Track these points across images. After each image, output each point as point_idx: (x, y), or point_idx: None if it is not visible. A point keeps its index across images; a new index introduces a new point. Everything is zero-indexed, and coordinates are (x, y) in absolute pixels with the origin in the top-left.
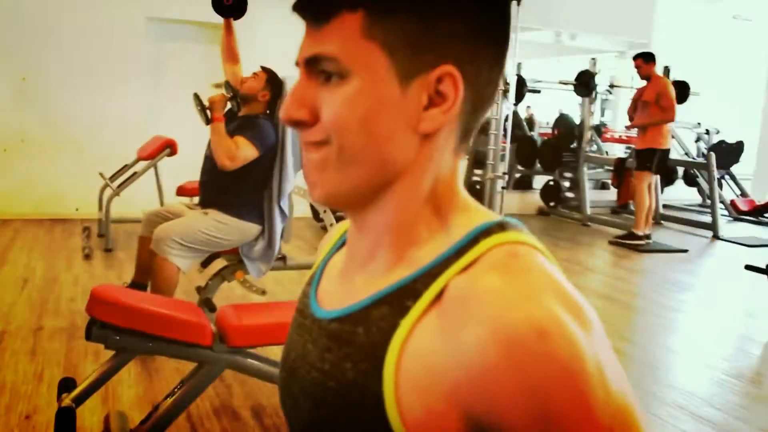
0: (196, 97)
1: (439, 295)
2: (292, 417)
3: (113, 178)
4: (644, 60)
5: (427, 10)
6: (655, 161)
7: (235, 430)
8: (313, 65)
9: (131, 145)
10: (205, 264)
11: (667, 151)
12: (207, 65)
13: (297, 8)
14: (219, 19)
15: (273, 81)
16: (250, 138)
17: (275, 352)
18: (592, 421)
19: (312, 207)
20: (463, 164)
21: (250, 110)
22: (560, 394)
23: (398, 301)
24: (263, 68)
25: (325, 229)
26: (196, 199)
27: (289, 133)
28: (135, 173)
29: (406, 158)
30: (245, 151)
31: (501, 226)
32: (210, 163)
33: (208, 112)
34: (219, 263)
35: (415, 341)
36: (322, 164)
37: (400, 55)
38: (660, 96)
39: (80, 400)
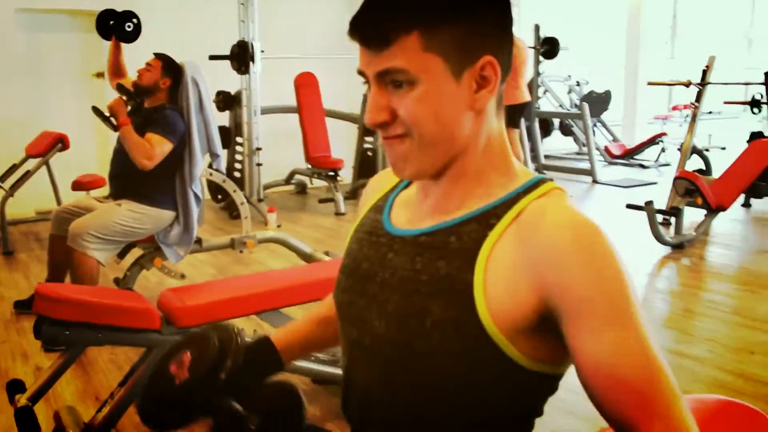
0: (95, 109)
1: (515, 217)
2: (367, 310)
3: (3, 178)
4: None
5: (467, 19)
6: (516, 116)
7: None
8: (383, 77)
9: (17, 143)
10: (122, 255)
11: (525, 104)
12: (86, 54)
13: (358, 37)
14: (93, 6)
15: (170, 67)
16: (162, 134)
17: None
18: (627, 289)
19: (210, 188)
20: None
21: (154, 101)
22: (611, 268)
23: (484, 219)
24: (157, 55)
25: (225, 209)
26: (105, 191)
27: (194, 119)
28: (27, 172)
29: (469, 132)
30: (160, 147)
31: (550, 179)
32: (121, 157)
33: (112, 119)
34: (135, 252)
35: (501, 245)
36: (406, 153)
37: (453, 57)
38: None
39: (36, 398)
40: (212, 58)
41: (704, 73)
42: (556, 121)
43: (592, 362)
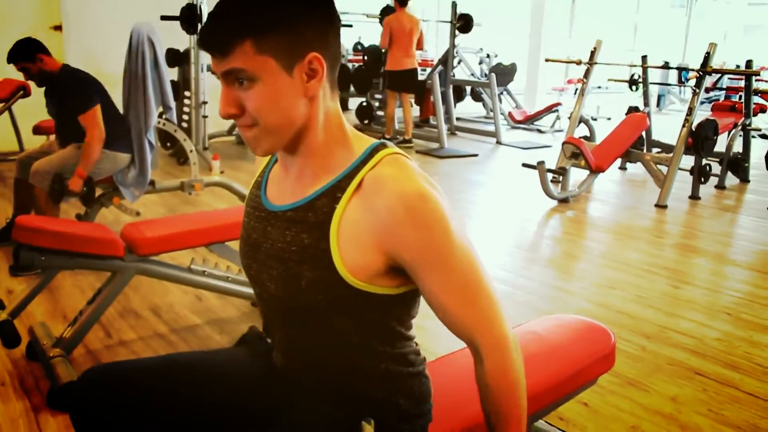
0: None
1: (357, 188)
2: (260, 273)
3: None
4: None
5: (289, 26)
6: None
7: (140, 326)
8: (228, 76)
9: None
10: None
11: (411, 70)
12: (43, 7)
13: (204, 48)
14: None
15: (32, 50)
16: (85, 109)
17: (174, 258)
18: (452, 240)
19: (160, 137)
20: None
21: (51, 79)
22: (435, 229)
23: (331, 193)
24: (14, 60)
25: (173, 155)
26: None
27: (149, 74)
28: None
29: (306, 114)
30: (94, 119)
31: (383, 144)
32: (57, 115)
33: (66, 187)
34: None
35: (347, 214)
36: (256, 137)
37: (282, 57)
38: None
39: (15, 314)
40: (163, 18)
41: (592, 53)
42: (468, 89)
43: (432, 298)
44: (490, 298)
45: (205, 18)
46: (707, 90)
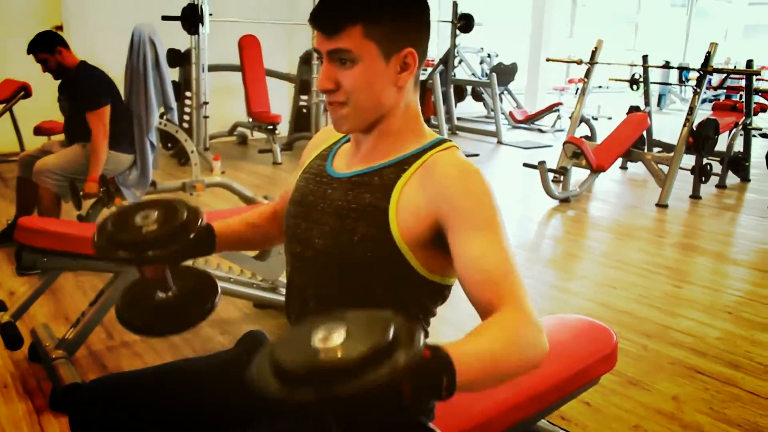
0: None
1: (421, 165)
2: (308, 231)
3: None
4: None
5: (395, 18)
6: None
7: None
8: (332, 55)
9: None
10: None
11: None
12: (45, 7)
13: (316, 25)
14: None
15: (52, 42)
16: (94, 107)
17: None
18: (496, 211)
19: (161, 137)
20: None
21: (67, 73)
22: (484, 198)
23: (399, 166)
24: (33, 50)
25: (174, 156)
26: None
27: (151, 75)
28: None
29: (392, 101)
30: (103, 119)
31: (446, 139)
32: (68, 110)
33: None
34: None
35: (409, 184)
36: (346, 115)
37: (384, 45)
38: None
39: (17, 315)
40: (164, 18)
41: (593, 53)
42: (469, 88)
43: (466, 258)
44: (520, 279)
45: (206, 19)
46: (713, 89)
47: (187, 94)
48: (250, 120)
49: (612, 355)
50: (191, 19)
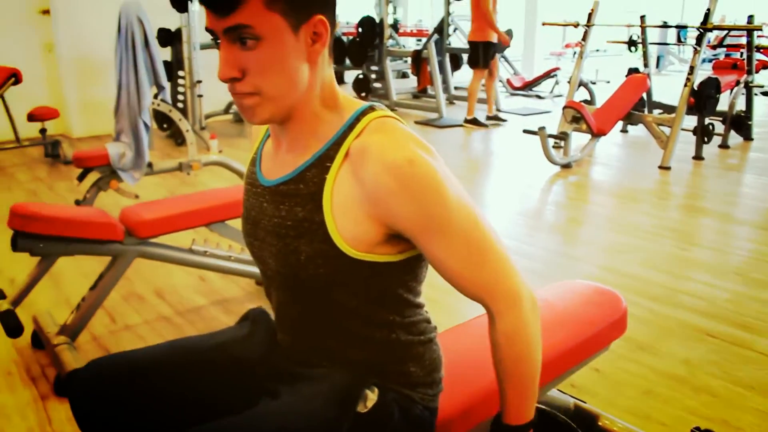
0: None
1: (345, 158)
2: (261, 250)
3: None
4: None
5: None
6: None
7: (144, 310)
8: (231, 33)
9: None
10: (81, 178)
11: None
12: None
13: (208, 2)
14: None
15: None
16: None
17: (174, 239)
18: (449, 204)
19: (156, 118)
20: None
21: None
22: (429, 195)
23: (321, 163)
24: None
25: (170, 137)
26: (58, 122)
27: (140, 55)
28: None
29: (307, 79)
30: None
31: (371, 108)
32: None
33: None
34: (93, 176)
35: (338, 185)
36: (254, 106)
37: (291, 15)
38: None
39: (17, 302)
40: None
41: (589, 15)
42: (465, 57)
43: (437, 264)
44: (499, 257)
45: None
46: (712, 47)
47: (180, 73)
48: None
49: (622, 321)
50: None
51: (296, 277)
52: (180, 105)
